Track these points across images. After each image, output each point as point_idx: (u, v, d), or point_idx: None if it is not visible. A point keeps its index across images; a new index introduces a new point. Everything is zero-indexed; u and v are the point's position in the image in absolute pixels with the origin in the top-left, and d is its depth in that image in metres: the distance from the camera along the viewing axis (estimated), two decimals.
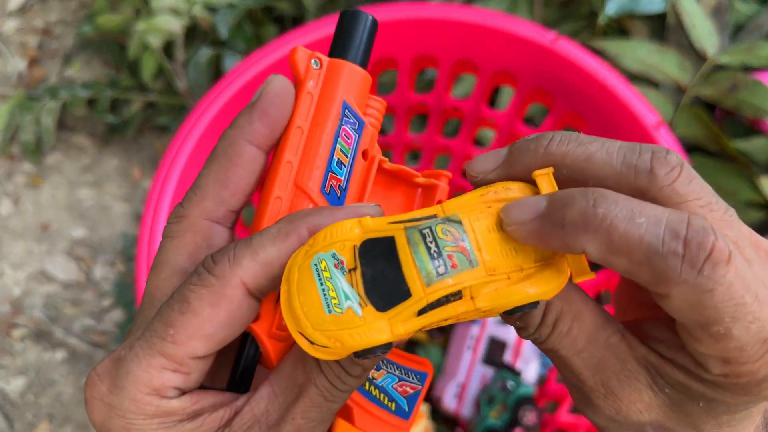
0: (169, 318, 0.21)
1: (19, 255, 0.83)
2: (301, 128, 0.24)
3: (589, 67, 0.50)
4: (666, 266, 0.17)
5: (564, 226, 0.19)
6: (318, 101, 0.24)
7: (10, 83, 0.93)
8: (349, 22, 0.25)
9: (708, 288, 0.17)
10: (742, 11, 0.74)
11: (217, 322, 0.21)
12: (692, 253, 0.17)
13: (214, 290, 0.20)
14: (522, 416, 0.61)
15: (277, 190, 0.24)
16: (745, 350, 0.18)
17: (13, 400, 0.76)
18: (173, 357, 0.21)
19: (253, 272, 0.21)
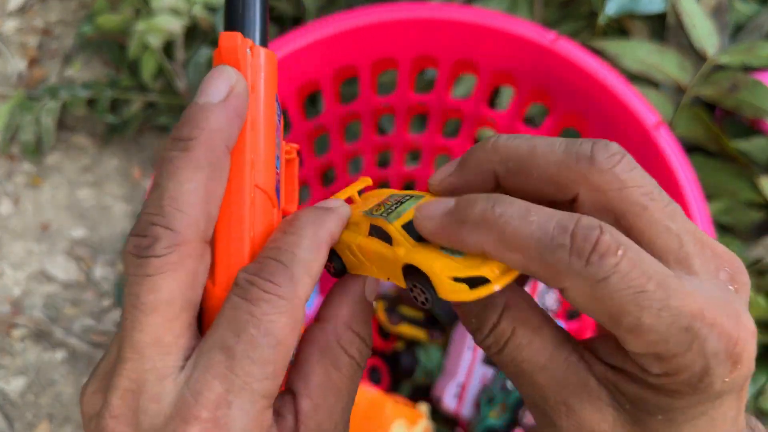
0: (262, 356, 0.19)
1: (19, 255, 0.83)
2: (256, 126, 0.22)
3: (589, 67, 0.50)
4: (555, 259, 0.18)
5: (465, 223, 0.20)
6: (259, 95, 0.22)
7: (10, 83, 0.93)
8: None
9: (600, 277, 0.18)
10: (742, 11, 0.74)
11: (295, 345, 0.20)
12: (578, 244, 0.18)
13: (291, 315, 0.20)
14: (522, 416, 0.61)
15: (248, 195, 0.22)
16: (669, 342, 0.18)
17: (13, 400, 0.76)
18: (274, 393, 0.20)
19: (310, 288, 0.21)
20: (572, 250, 0.18)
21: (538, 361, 0.21)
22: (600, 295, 0.18)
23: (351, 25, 0.51)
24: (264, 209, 0.23)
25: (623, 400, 0.20)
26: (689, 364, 0.18)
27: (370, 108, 0.60)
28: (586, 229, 0.18)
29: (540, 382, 0.21)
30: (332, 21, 0.51)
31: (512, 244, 0.19)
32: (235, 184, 0.22)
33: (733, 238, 0.71)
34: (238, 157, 0.22)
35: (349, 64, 0.54)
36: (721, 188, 0.69)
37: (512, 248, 0.19)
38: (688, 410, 0.19)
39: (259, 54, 0.22)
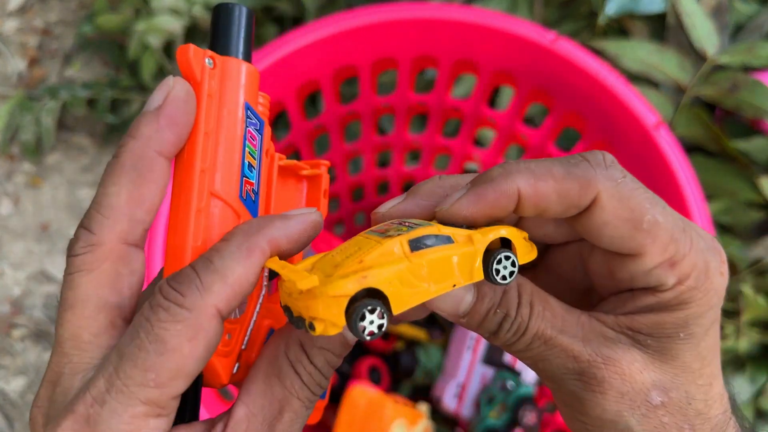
0: (145, 361, 0.19)
1: (19, 255, 0.83)
2: (209, 133, 0.22)
3: (589, 67, 0.50)
4: (582, 170, 0.21)
5: (494, 179, 0.21)
6: (219, 104, 0.23)
7: (10, 83, 0.93)
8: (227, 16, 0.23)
9: (619, 177, 0.21)
10: (742, 11, 0.74)
11: (198, 356, 0.19)
12: (593, 159, 0.21)
13: (189, 324, 0.19)
14: (522, 416, 0.61)
15: (196, 202, 0.22)
16: (677, 241, 0.21)
17: (13, 400, 0.76)
18: (158, 401, 0.19)
19: (225, 297, 0.19)
20: (591, 163, 0.21)
21: (557, 325, 0.22)
22: (624, 193, 0.21)
23: (351, 25, 0.51)
24: (222, 217, 0.22)
25: (641, 337, 0.22)
26: (695, 262, 0.21)
27: (370, 108, 0.60)
28: (592, 152, 0.22)
29: (567, 343, 0.22)
30: (332, 21, 0.51)
31: (543, 174, 0.21)
32: (183, 190, 0.22)
33: (733, 238, 0.71)
34: (186, 164, 0.22)
35: (349, 64, 0.54)
36: (721, 188, 0.69)
37: (544, 177, 0.21)
38: (702, 319, 0.21)
39: (227, 64, 0.23)
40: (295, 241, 0.22)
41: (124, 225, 0.21)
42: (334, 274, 0.20)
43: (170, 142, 0.21)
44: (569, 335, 0.22)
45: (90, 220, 0.21)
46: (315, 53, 0.52)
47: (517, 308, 0.22)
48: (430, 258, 0.20)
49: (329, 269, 0.20)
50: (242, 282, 0.20)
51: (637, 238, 0.21)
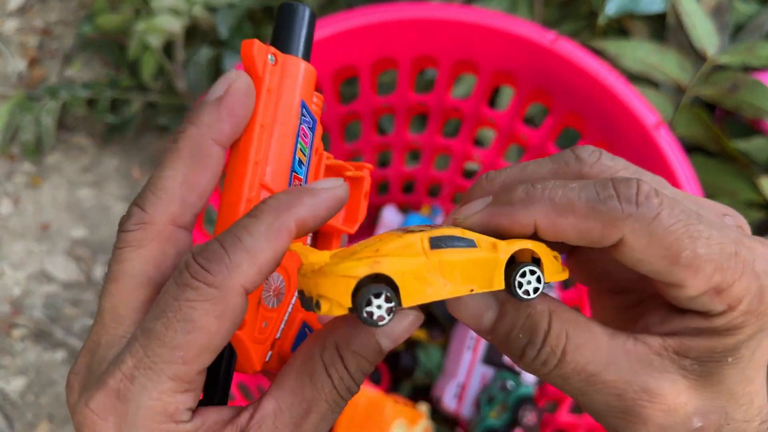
0: (173, 341, 0.19)
1: (19, 255, 0.83)
2: (264, 127, 0.23)
3: (589, 67, 0.50)
4: (607, 209, 0.19)
5: (512, 204, 0.21)
6: (277, 99, 0.23)
7: (10, 83, 0.93)
8: (291, 16, 0.24)
9: (652, 215, 0.19)
10: (742, 11, 0.74)
11: (225, 333, 0.20)
12: (624, 193, 0.19)
13: (217, 302, 0.19)
14: (522, 416, 0.61)
15: (247, 192, 0.23)
16: (724, 269, 0.19)
17: (13, 400, 0.76)
18: (185, 377, 0.20)
19: (252, 276, 0.20)
20: (620, 199, 0.19)
21: (601, 359, 0.21)
22: (657, 233, 0.19)
23: (351, 25, 0.51)
24: None
25: (689, 362, 0.21)
26: (747, 287, 0.20)
27: (370, 108, 0.60)
28: (626, 181, 0.20)
29: (610, 380, 0.21)
30: (332, 21, 0.51)
31: (564, 209, 0.20)
32: (236, 180, 0.23)
33: None
34: (241, 155, 0.23)
35: (349, 64, 0.54)
36: (721, 188, 0.69)
37: (564, 212, 0.20)
38: (752, 342, 0.20)
39: (287, 62, 0.24)
40: (322, 218, 0.21)
41: (176, 207, 0.22)
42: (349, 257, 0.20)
43: (227, 132, 0.22)
44: (614, 369, 0.21)
45: (144, 199, 0.22)
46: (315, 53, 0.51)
47: (545, 336, 0.21)
48: (449, 257, 0.20)
49: (347, 255, 0.20)
50: (270, 262, 0.20)
51: (675, 272, 0.20)
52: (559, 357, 0.21)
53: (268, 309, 0.24)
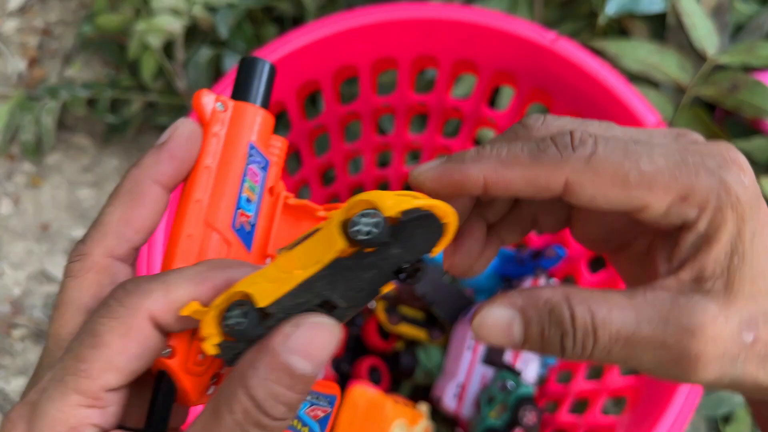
0: (79, 353, 0.20)
1: (19, 255, 0.83)
2: (209, 168, 0.25)
3: (589, 67, 0.50)
4: (549, 158, 0.21)
5: (464, 161, 0.22)
6: (225, 142, 0.25)
7: (10, 83, 0.93)
8: (249, 68, 0.27)
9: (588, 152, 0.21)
10: (742, 11, 0.74)
11: (129, 354, 0.21)
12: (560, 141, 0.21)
13: (123, 321, 0.20)
14: (522, 416, 0.61)
15: (187, 228, 0.24)
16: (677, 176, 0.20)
17: (13, 401, 0.76)
18: (88, 392, 0.20)
19: (162, 307, 0.21)
20: (558, 146, 0.21)
21: (630, 320, 0.21)
22: (598, 166, 0.21)
23: (351, 25, 0.51)
24: (215, 244, 0.25)
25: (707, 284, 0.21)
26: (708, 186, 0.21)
27: (370, 108, 0.60)
28: (560, 133, 0.22)
29: (648, 335, 0.21)
30: (332, 21, 0.51)
31: (509, 162, 0.21)
32: (178, 217, 0.25)
33: None
34: (185, 194, 0.25)
35: (349, 64, 0.54)
36: None
37: (510, 165, 0.21)
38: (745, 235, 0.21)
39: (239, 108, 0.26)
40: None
41: (112, 241, 0.23)
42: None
43: (167, 173, 0.24)
44: (646, 324, 0.21)
45: (86, 234, 0.24)
46: (315, 53, 0.52)
47: (573, 321, 0.21)
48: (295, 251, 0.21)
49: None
50: (183, 302, 0.21)
51: (631, 196, 0.21)
52: (593, 335, 0.21)
53: None
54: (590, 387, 0.59)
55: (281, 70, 0.51)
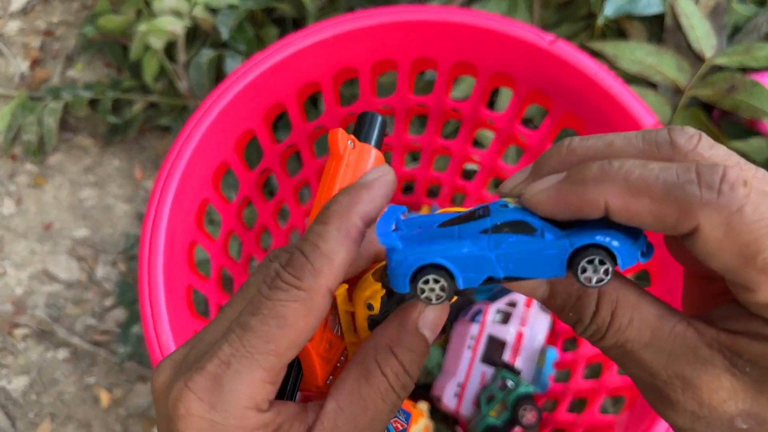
0: (267, 334, 0.21)
1: (21, 255, 0.83)
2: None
3: (587, 69, 0.50)
4: (685, 194, 0.18)
5: (585, 182, 0.20)
6: (354, 171, 0.31)
7: (13, 84, 0.93)
8: (368, 119, 0.34)
9: (734, 207, 0.18)
10: (740, 12, 0.74)
11: (310, 329, 0.22)
12: (707, 178, 0.18)
13: (305, 303, 0.22)
14: (521, 415, 0.62)
15: None
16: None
17: (15, 399, 0.76)
18: (273, 369, 0.22)
19: (334, 278, 0.22)
20: (701, 183, 0.18)
21: (641, 339, 0.21)
22: (735, 228, 0.18)
23: (351, 28, 0.51)
24: None
25: (742, 363, 0.20)
26: None
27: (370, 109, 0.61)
28: (710, 166, 0.18)
29: (647, 360, 0.21)
30: (333, 23, 0.51)
31: (638, 189, 0.19)
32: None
33: None
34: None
35: (350, 65, 0.55)
36: None
37: (639, 193, 0.19)
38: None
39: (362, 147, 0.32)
40: (381, 206, 0.24)
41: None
42: None
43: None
44: (653, 350, 0.20)
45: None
46: (315, 55, 0.52)
47: (593, 317, 0.21)
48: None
49: None
50: (345, 261, 0.22)
51: (748, 274, 0.18)
52: (603, 333, 0.21)
53: (332, 333, 0.27)
54: (589, 386, 0.60)
55: (282, 71, 0.52)
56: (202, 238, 0.52)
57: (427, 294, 0.21)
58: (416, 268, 0.21)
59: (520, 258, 0.21)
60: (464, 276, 0.21)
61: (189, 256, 0.50)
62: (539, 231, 0.21)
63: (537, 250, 0.21)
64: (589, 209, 0.20)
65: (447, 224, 0.23)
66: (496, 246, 0.21)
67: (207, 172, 0.51)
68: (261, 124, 0.54)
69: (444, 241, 0.21)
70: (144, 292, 0.44)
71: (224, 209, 0.55)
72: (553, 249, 0.20)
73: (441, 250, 0.21)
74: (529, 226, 0.21)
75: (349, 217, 0.22)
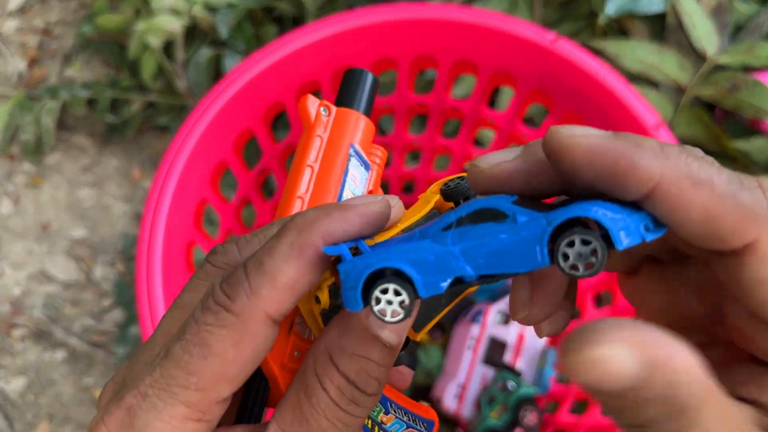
0: (188, 365, 0.18)
1: (19, 255, 0.83)
2: (312, 167, 0.26)
3: (588, 67, 0.50)
4: (752, 198, 0.15)
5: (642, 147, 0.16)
6: (327, 144, 0.26)
7: (10, 83, 0.93)
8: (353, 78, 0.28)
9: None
10: (742, 11, 0.74)
11: (243, 361, 0.19)
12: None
13: (235, 330, 0.18)
14: (522, 417, 0.61)
15: None
16: None
17: (13, 400, 0.76)
18: (198, 405, 0.19)
19: (275, 301, 0.18)
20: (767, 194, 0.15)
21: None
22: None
23: (351, 26, 0.51)
24: None
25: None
26: None
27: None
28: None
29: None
30: (332, 21, 0.51)
31: (700, 180, 0.15)
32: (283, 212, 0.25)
33: None
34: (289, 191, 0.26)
35: (349, 64, 0.54)
36: None
37: (700, 183, 0.15)
38: None
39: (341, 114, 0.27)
40: (355, 231, 0.19)
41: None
42: None
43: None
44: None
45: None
46: (315, 54, 0.52)
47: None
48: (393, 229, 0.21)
49: None
50: (294, 283, 0.18)
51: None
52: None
53: (303, 338, 0.23)
54: None
55: (281, 70, 0.51)
56: (201, 238, 0.52)
57: (381, 307, 0.17)
58: (367, 276, 0.17)
59: (490, 250, 0.17)
60: (425, 280, 0.17)
61: (187, 256, 0.50)
62: (510, 216, 0.17)
63: (508, 237, 0.17)
64: (635, 182, 0.16)
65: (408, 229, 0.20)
66: (460, 239, 0.17)
67: (205, 171, 0.51)
68: (260, 124, 0.54)
69: (400, 245, 0.18)
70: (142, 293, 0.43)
71: (223, 209, 0.55)
72: (527, 231, 0.16)
73: (395, 252, 0.18)
74: (499, 213, 0.17)
75: (309, 232, 0.18)
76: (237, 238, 0.23)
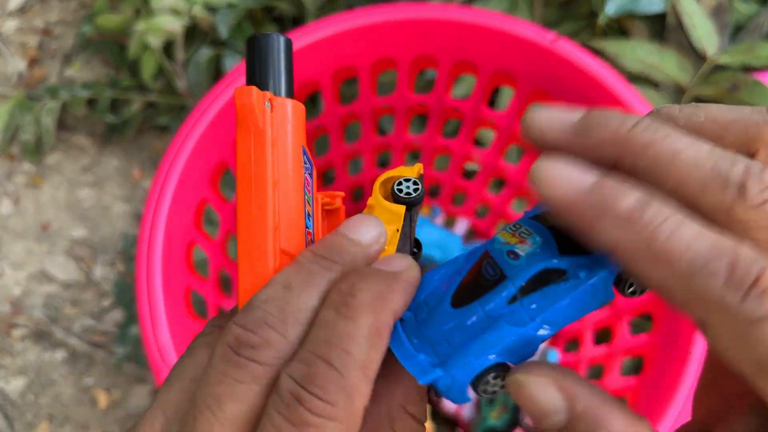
0: None
1: (19, 255, 0.83)
2: (276, 184, 0.20)
3: (588, 67, 0.50)
4: (705, 285, 0.15)
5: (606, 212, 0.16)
6: (279, 150, 0.20)
7: (10, 83, 0.93)
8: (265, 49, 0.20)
9: (755, 317, 0.14)
10: (742, 11, 0.74)
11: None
12: (738, 275, 0.14)
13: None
14: (523, 417, 0.61)
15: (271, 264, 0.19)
16: None
17: (13, 400, 0.76)
18: None
19: (368, 394, 0.17)
20: (728, 281, 0.14)
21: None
22: (751, 339, 0.14)
23: (351, 26, 0.51)
24: None
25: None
26: None
27: (370, 108, 0.60)
28: (749, 260, 0.14)
29: None
30: (332, 22, 0.51)
31: (659, 257, 0.15)
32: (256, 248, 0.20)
33: None
34: (258, 220, 0.20)
35: (349, 64, 0.54)
36: None
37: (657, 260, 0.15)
38: None
39: (283, 106, 0.20)
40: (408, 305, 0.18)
41: None
42: None
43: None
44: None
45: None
46: (315, 54, 0.52)
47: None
48: None
49: None
50: (377, 369, 0.17)
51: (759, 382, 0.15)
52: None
53: None
54: None
55: None
56: (201, 238, 0.52)
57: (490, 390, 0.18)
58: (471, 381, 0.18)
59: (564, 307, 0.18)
60: (517, 360, 0.18)
61: (187, 256, 0.50)
62: (570, 272, 0.18)
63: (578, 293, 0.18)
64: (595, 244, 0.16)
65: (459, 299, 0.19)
66: (538, 311, 0.18)
67: (205, 171, 0.51)
68: None
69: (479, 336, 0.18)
70: (142, 293, 0.43)
71: (223, 209, 0.55)
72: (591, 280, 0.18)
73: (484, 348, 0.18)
74: (557, 272, 0.18)
75: (384, 313, 0.17)
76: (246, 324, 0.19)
